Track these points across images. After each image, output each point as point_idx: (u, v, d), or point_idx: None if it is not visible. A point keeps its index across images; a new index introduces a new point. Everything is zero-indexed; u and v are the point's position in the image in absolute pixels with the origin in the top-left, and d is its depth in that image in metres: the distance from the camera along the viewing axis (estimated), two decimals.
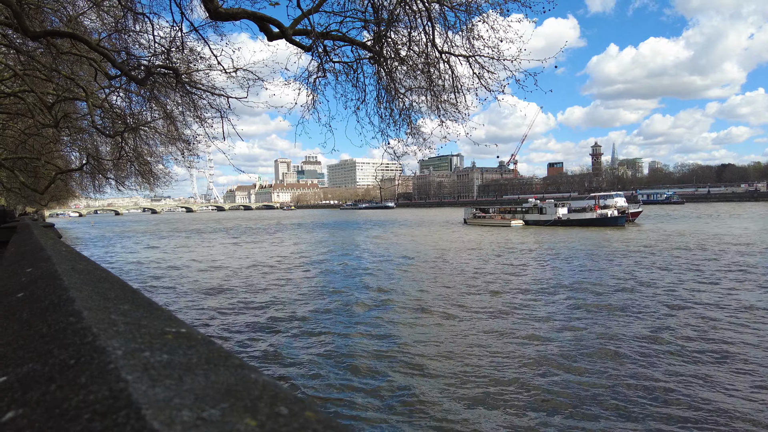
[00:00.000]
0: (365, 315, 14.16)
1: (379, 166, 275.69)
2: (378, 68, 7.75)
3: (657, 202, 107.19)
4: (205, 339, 1.19)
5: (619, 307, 13.95)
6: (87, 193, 28.71)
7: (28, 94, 11.47)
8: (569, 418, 7.41)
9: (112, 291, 1.95)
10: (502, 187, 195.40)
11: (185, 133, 12.15)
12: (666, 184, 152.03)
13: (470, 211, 65.15)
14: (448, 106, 8.29)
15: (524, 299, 15.58)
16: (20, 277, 2.75)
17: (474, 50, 7.51)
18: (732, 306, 13.77)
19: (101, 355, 0.95)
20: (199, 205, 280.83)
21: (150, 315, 1.48)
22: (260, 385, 0.85)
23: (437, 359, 10.07)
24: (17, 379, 1.01)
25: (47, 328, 1.33)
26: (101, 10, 9.08)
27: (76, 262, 3.24)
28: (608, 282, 18.05)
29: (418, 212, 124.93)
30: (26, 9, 6.81)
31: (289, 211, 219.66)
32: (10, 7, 5.85)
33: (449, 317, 13.51)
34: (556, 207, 52.66)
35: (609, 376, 8.90)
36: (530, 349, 10.50)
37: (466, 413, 7.63)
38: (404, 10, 7.23)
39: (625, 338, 11.07)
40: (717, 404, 7.74)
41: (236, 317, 14.21)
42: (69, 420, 0.72)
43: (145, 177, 16.46)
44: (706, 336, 11.10)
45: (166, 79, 9.07)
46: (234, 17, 6.11)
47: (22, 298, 1.99)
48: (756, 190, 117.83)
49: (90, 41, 7.65)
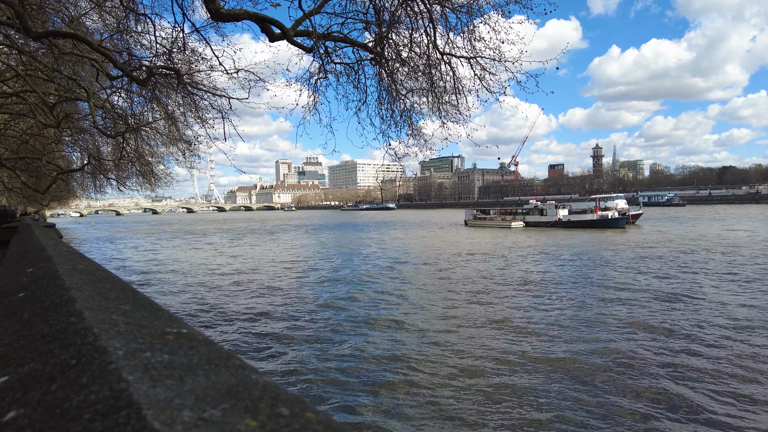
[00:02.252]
0: (365, 316, 14.15)
1: (380, 168, 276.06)
2: (379, 69, 7.76)
3: (658, 204, 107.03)
4: (206, 339, 1.19)
5: (618, 308, 13.94)
6: (88, 193, 28.77)
7: (29, 95, 11.50)
8: (570, 420, 7.40)
9: (113, 291, 1.95)
10: (503, 189, 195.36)
11: (186, 134, 12.17)
12: (667, 186, 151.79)
13: (471, 212, 65.16)
14: (450, 108, 8.30)
15: (522, 301, 15.56)
16: (21, 277, 2.75)
17: (475, 52, 7.52)
18: (732, 306, 13.75)
19: (102, 356, 0.95)
20: (199, 206, 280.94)
21: (151, 315, 1.48)
22: (261, 385, 0.85)
23: (437, 361, 10.06)
24: (18, 379, 1.01)
25: (48, 328, 1.33)
26: (103, 11, 9.10)
27: (77, 262, 3.24)
28: (605, 283, 18.04)
29: (419, 213, 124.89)
30: (28, 9, 6.82)
31: (290, 212, 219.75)
32: (12, 8, 5.86)
33: (449, 319, 13.50)
34: (556, 208, 52.67)
35: (609, 376, 8.89)
36: (530, 351, 10.49)
37: (466, 414, 7.62)
38: (406, 12, 7.25)
39: (625, 339, 11.06)
40: (719, 407, 7.73)
41: (237, 318, 14.21)
42: (70, 420, 0.72)
43: (146, 177, 16.48)
44: (704, 335, 11.09)
45: (168, 79, 9.09)
46: (235, 18, 6.11)
47: (23, 298, 2.00)
48: (757, 192, 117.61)
49: (92, 42, 7.66)
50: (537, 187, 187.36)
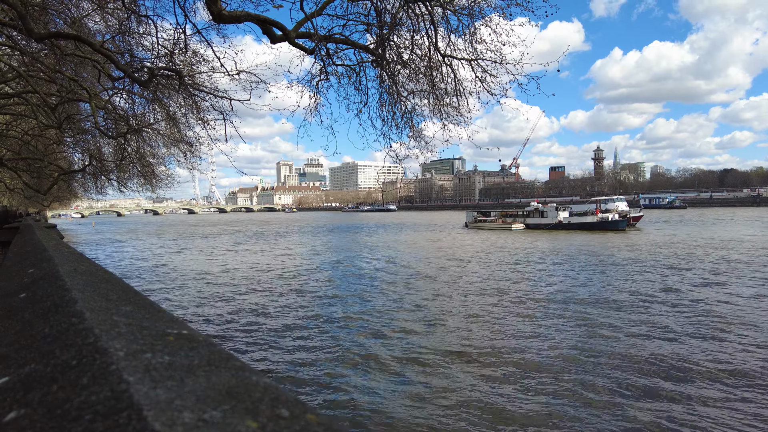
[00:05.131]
0: (365, 317, 14.14)
1: (381, 169, 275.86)
2: (380, 71, 7.76)
3: (659, 207, 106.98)
4: (207, 341, 1.19)
5: (616, 309, 13.92)
6: (89, 194, 28.75)
7: (31, 96, 11.51)
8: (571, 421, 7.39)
9: (114, 292, 1.95)
10: (503, 191, 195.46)
11: (188, 135, 12.17)
12: (668, 188, 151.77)
13: (472, 214, 65.21)
14: (451, 110, 8.29)
15: (520, 302, 15.55)
16: (22, 278, 2.75)
17: (477, 54, 7.51)
18: (732, 304, 13.73)
19: (103, 357, 0.95)
20: (200, 207, 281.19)
21: (152, 317, 1.48)
22: (261, 387, 0.85)
23: (437, 362, 10.05)
24: (19, 379, 1.01)
25: (49, 328, 1.33)
26: (105, 13, 9.12)
27: (78, 263, 3.25)
28: (601, 284, 18.02)
29: (420, 215, 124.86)
30: (30, 11, 6.84)
31: (290, 213, 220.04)
32: (14, 9, 5.88)
33: (449, 319, 13.49)
34: (557, 211, 52.72)
35: (610, 377, 8.88)
36: (528, 353, 10.48)
37: (468, 415, 7.61)
38: (407, 14, 7.25)
39: (625, 342, 11.04)
40: (721, 408, 7.71)
41: (238, 319, 14.22)
42: (71, 420, 0.72)
43: (148, 178, 16.49)
44: (702, 333, 11.07)
45: (169, 81, 9.10)
46: (237, 20, 6.12)
47: (24, 299, 2.00)
48: (758, 195, 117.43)
49: (94, 43, 7.68)
50: (538, 190, 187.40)
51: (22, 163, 18.53)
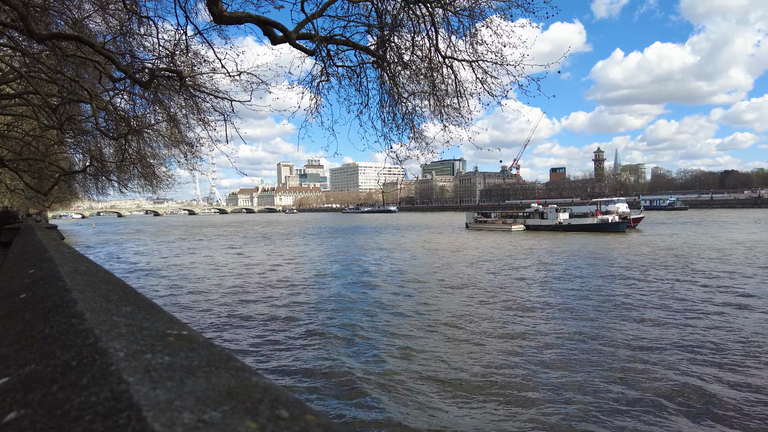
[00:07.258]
0: (365, 318, 14.14)
1: (382, 170, 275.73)
2: (381, 72, 7.76)
3: (660, 208, 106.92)
4: (207, 341, 1.19)
5: (615, 312, 13.91)
6: (90, 194, 28.75)
7: (32, 96, 11.54)
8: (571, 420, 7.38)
9: (114, 293, 1.95)
10: (504, 192, 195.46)
11: (188, 136, 12.20)
12: (669, 189, 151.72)
13: (472, 215, 65.29)
14: (451, 111, 8.29)
15: (520, 302, 15.54)
16: (23, 278, 2.76)
17: (477, 55, 7.52)
18: (732, 305, 13.72)
19: (103, 357, 0.95)
20: (201, 208, 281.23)
21: (152, 317, 1.48)
22: (261, 387, 0.85)
23: (437, 364, 10.05)
24: (19, 380, 1.01)
25: (49, 329, 1.33)
26: (107, 14, 9.14)
27: (78, 263, 3.25)
28: (597, 286, 18.01)
29: (421, 216, 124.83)
30: (32, 12, 6.86)
31: (291, 214, 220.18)
32: (16, 10, 5.89)
33: (450, 319, 13.49)
34: (557, 212, 52.72)
35: (608, 377, 8.87)
36: (529, 355, 10.48)
37: (467, 416, 7.61)
38: (408, 15, 7.25)
39: (624, 343, 11.03)
40: (721, 407, 7.70)
41: (239, 320, 14.21)
42: (70, 421, 0.72)
43: (148, 179, 16.50)
44: (700, 333, 11.06)
45: (170, 82, 9.11)
46: (238, 21, 6.13)
47: (24, 299, 2.00)
48: (759, 196, 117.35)
49: (95, 44, 7.69)
50: (538, 191, 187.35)
51: (23, 164, 18.56)
